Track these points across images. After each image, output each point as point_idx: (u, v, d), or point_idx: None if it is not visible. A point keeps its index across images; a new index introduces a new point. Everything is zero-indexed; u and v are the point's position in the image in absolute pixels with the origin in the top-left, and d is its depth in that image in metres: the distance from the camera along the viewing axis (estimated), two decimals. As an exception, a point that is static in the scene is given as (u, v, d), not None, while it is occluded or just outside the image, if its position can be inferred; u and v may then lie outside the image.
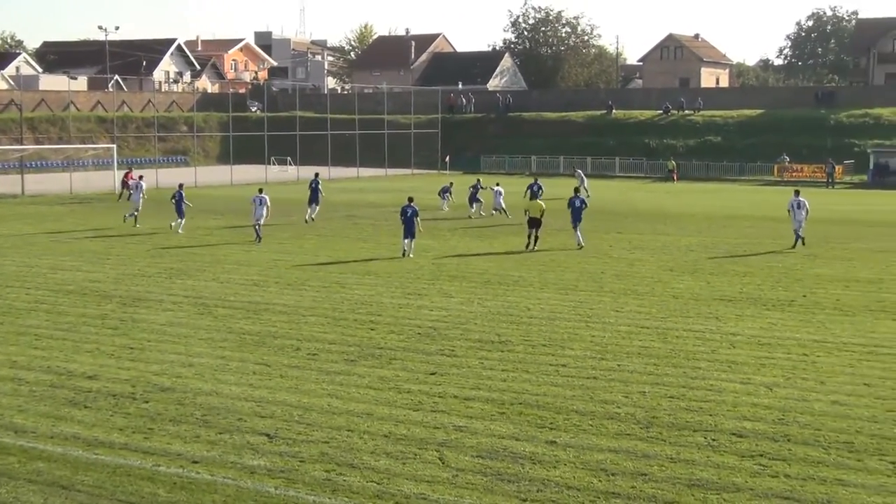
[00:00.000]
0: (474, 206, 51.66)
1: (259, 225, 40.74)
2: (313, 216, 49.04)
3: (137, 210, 46.85)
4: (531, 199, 42.77)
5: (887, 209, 58.11)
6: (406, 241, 36.91)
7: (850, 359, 21.58)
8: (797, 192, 40.46)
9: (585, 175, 68.22)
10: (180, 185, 45.68)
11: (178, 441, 16.10)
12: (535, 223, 38.93)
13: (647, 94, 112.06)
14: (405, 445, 15.91)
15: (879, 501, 13.81)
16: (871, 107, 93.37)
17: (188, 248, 38.55)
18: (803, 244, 39.43)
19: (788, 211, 40.15)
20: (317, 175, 51.73)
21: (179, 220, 43.91)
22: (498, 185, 53.00)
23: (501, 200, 50.74)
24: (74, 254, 37.19)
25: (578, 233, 39.36)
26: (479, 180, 54.62)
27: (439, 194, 55.15)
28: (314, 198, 49.34)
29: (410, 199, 37.91)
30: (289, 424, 16.92)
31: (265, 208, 40.64)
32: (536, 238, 39.00)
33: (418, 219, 37.03)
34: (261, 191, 42.20)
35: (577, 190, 42.03)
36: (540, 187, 49.51)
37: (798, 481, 14.50)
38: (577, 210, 39.58)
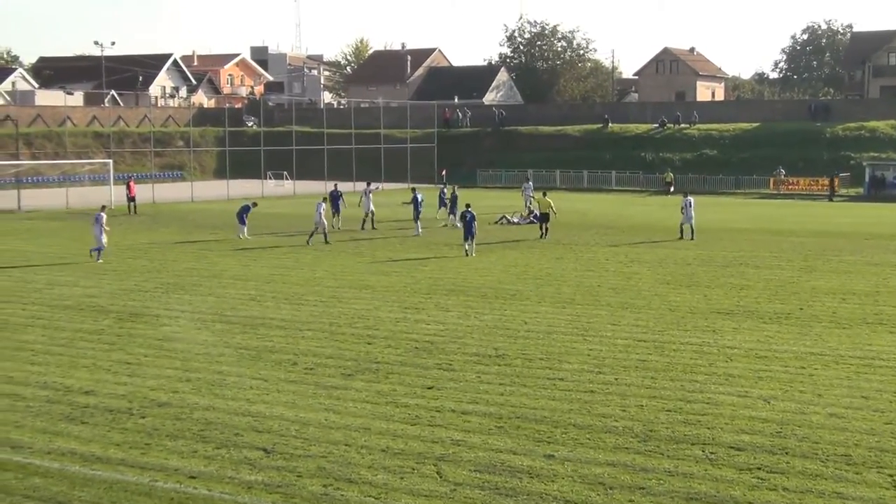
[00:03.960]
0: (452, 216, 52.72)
1: (325, 229, 45.23)
2: (339, 225, 51.37)
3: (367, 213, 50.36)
4: (542, 197, 49.47)
5: (884, 222, 58.11)
6: (466, 242, 40.86)
7: (848, 371, 21.58)
8: (686, 194, 49.96)
9: (583, 187, 68.26)
10: (253, 204, 48.92)
11: (175, 456, 16.07)
12: (544, 217, 47.72)
13: (643, 108, 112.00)
14: (403, 460, 15.89)
15: (878, 514, 13.80)
16: (866, 120, 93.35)
17: (185, 263, 38.52)
18: (693, 237, 46.40)
19: (682, 210, 47.29)
20: (336, 185, 54.88)
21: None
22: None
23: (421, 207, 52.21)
24: (71, 269, 37.16)
25: (468, 244, 41.10)
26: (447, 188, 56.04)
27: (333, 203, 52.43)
28: (336, 207, 51.78)
29: (468, 206, 42.04)
30: (286, 439, 16.90)
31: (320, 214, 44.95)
32: (546, 230, 47.27)
33: (475, 222, 40.87)
34: (325, 199, 47.39)
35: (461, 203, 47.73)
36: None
37: (796, 494, 14.49)
38: (468, 224, 40.98)
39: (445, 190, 56.56)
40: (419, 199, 50.00)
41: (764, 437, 17.01)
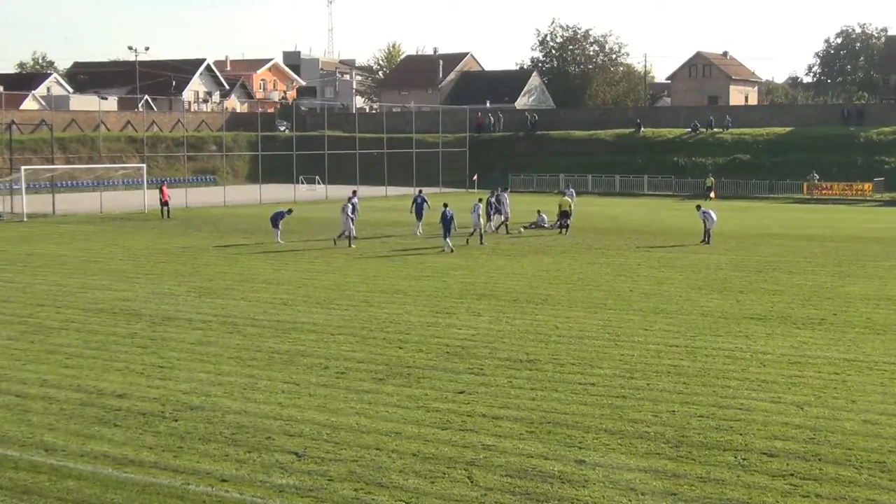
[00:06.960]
0: (493, 219, 52.31)
1: (481, 230, 46.79)
2: (420, 230, 51.33)
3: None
4: (562, 197, 54.54)
5: (918, 227, 57.61)
6: (447, 240, 43.34)
7: (882, 378, 21.42)
8: (699, 207, 49.66)
9: (615, 192, 67.93)
10: (288, 211, 48.83)
11: (207, 460, 16.14)
12: (565, 215, 52.05)
13: (676, 113, 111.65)
14: (434, 464, 15.89)
15: (912, 522, 13.69)
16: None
17: (217, 267, 38.68)
18: (709, 242, 46.69)
19: (704, 221, 47.44)
20: (420, 191, 55.04)
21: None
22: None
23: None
24: (104, 273, 37.39)
25: (448, 241, 43.73)
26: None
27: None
28: (420, 212, 51.71)
29: (445, 205, 44.46)
30: (317, 443, 16.93)
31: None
32: (567, 226, 51.51)
33: (454, 221, 43.83)
34: (481, 200, 48.18)
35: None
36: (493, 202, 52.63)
37: (829, 501, 14.39)
38: (447, 221, 43.65)
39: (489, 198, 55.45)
40: (420, 203, 51.63)
41: (797, 443, 16.90)
